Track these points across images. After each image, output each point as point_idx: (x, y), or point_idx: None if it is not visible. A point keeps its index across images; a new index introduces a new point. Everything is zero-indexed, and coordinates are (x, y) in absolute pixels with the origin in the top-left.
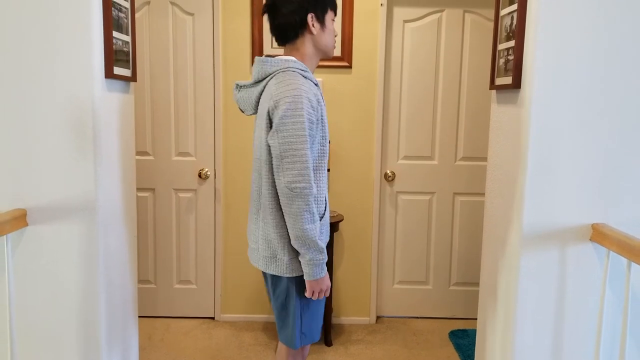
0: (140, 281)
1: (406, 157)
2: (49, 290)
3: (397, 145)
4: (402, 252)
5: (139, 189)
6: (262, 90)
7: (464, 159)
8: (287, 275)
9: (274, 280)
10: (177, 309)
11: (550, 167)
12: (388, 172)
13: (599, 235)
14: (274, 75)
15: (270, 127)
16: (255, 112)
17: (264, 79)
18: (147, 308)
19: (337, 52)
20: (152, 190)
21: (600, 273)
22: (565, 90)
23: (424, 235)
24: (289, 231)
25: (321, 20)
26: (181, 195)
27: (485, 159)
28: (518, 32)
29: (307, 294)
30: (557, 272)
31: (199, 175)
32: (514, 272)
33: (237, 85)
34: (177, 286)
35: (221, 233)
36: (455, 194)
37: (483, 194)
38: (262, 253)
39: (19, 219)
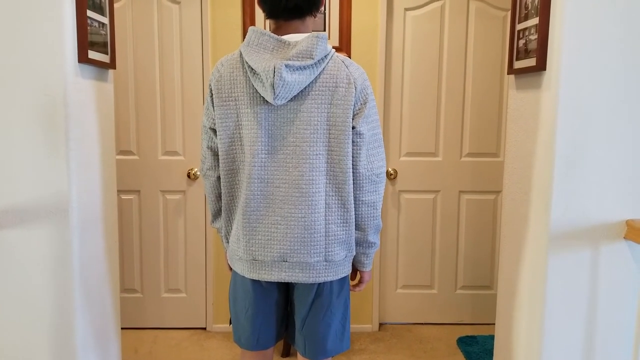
0: (125, 290)
1: (409, 154)
2: (17, 302)
3: (399, 141)
4: (405, 254)
5: (123, 191)
6: (322, 71)
7: (469, 155)
8: (341, 276)
9: (318, 289)
10: (165, 320)
11: (581, 157)
12: (390, 169)
13: (634, 232)
14: (332, 56)
15: (352, 112)
16: (291, 98)
17: (324, 57)
18: (133, 319)
19: (334, 41)
20: (137, 192)
21: (636, 274)
22: (598, 71)
23: (428, 236)
24: (367, 222)
25: None
26: (169, 197)
27: (492, 154)
28: (542, 8)
29: (360, 289)
30: (588, 273)
31: (188, 176)
32: (540, 274)
33: (289, 66)
34: (166, 295)
35: (212, 237)
36: (460, 192)
37: (490, 192)
38: (308, 258)
39: None
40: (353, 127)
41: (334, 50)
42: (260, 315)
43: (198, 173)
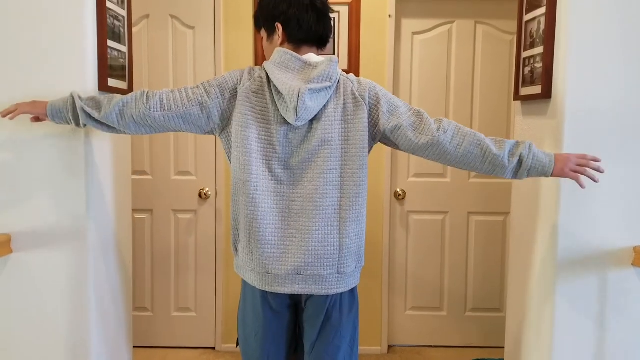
0: (136, 309)
1: (417, 175)
2: (34, 323)
3: (407, 162)
4: (414, 275)
5: (136, 211)
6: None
7: (478, 176)
8: (352, 286)
9: (328, 311)
10: (175, 339)
11: (587, 185)
12: (398, 190)
13: None
14: (339, 76)
15: (373, 122)
16: (308, 120)
17: (337, 79)
18: (143, 338)
19: (343, 64)
20: (150, 211)
21: None
22: (602, 99)
23: (438, 258)
24: (491, 160)
25: None
26: (180, 216)
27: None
28: (547, 37)
29: (587, 165)
30: (596, 300)
31: (200, 196)
32: (549, 300)
33: (312, 90)
34: (176, 314)
35: (222, 257)
36: (469, 213)
37: (499, 214)
38: (321, 271)
39: (2, 245)
40: (384, 132)
41: (340, 70)
42: (270, 338)
43: (209, 193)
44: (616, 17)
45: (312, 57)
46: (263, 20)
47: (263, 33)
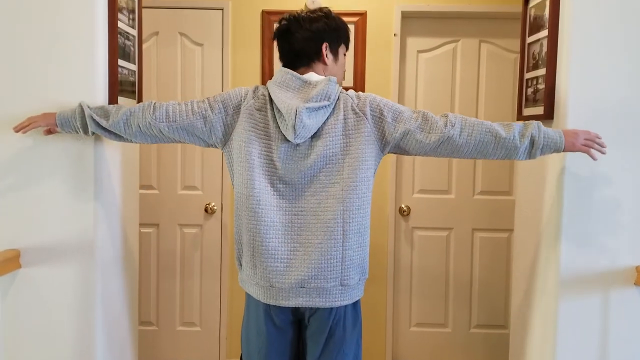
0: (141, 323)
1: (422, 191)
2: (42, 337)
3: (412, 178)
4: (418, 291)
5: (142, 225)
6: (334, 108)
7: (482, 192)
8: (356, 299)
9: (332, 328)
10: (180, 353)
11: (589, 204)
12: (403, 206)
13: None
14: (338, 93)
15: (379, 134)
16: (309, 137)
17: (336, 97)
18: (147, 352)
19: (349, 83)
20: (156, 225)
21: None
22: (604, 120)
23: (442, 274)
24: (501, 144)
25: (335, 52)
26: (186, 231)
27: (505, 193)
28: (549, 59)
29: (594, 141)
30: (599, 320)
31: (205, 210)
32: (551, 319)
33: (309, 109)
34: (180, 328)
35: (227, 271)
36: (474, 229)
37: (504, 230)
38: (325, 284)
39: (11, 261)
40: (394, 140)
41: (340, 87)
42: (273, 355)
43: (215, 207)
44: (619, 42)
45: (312, 76)
46: None
47: None
